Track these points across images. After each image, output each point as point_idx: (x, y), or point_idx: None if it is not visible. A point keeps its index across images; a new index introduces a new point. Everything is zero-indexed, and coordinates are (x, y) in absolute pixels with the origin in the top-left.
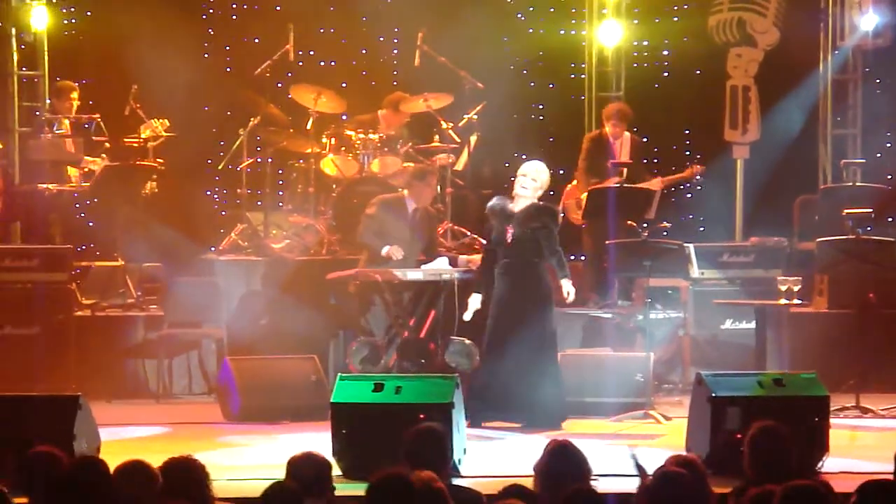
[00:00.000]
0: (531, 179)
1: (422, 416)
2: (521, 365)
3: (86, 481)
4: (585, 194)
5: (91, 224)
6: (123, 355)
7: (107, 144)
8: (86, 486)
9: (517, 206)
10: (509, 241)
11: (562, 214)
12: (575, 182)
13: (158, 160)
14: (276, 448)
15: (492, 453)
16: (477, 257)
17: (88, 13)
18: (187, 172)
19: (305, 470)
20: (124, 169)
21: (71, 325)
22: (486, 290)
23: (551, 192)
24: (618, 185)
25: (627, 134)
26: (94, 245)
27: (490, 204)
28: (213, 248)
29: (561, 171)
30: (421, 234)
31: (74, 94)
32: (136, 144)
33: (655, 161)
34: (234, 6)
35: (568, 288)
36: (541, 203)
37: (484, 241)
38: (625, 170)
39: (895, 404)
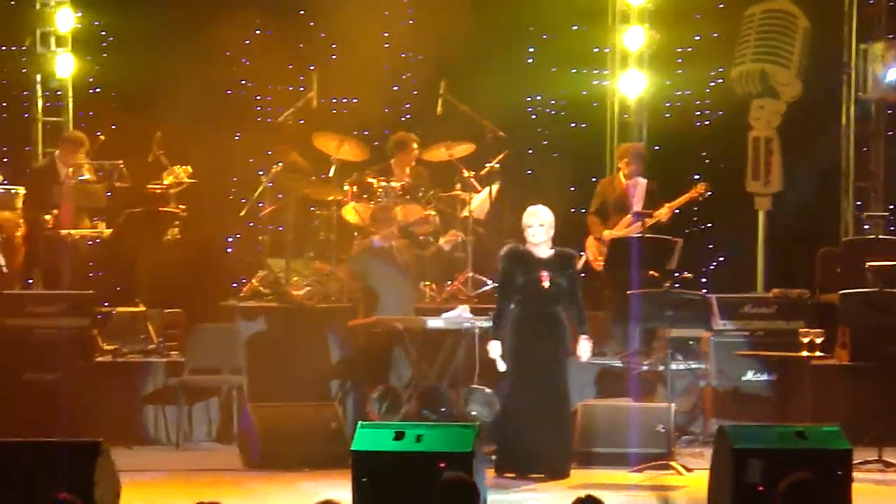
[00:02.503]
0: (539, 225)
1: (442, 464)
2: (543, 418)
3: None
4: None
5: (114, 269)
6: (144, 401)
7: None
8: None
9: (540, 252)
10: (547, 286)
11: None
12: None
13: (181, 206)
14: (297, 496)
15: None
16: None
17: (112, 61)
18: (209, 219)
19: None
20: (147, 215)
21: (92, 371)
22: (502, 334)
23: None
24: (639, 235)
25: (643, 180)
26: (117, 291)
27: (510, 249)
28: (234, 295)
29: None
30: (408, 267)
31: (82, 151)
32: (158, 191)
33: (677, 212)
34: (258, 53)
35: (585, 347)
36: (565, 249)
37: (497, 286)
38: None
39: None
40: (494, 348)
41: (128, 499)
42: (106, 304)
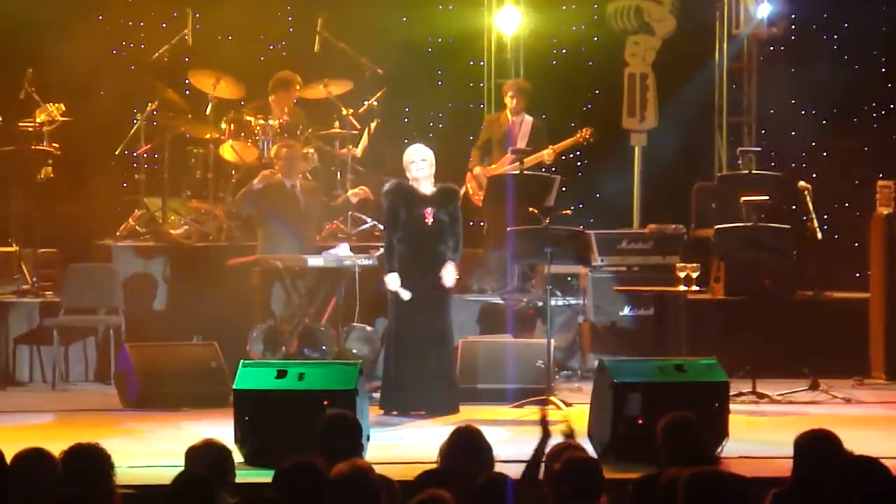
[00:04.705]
0: (422, 160)
1: (325, 402)
2: (426, 354)
3: None
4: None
5: None
6: (18, 342)
7: None
8: None
9: (424, 188)
10: (430, 222)
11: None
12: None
13: (54, 144)
14: (178, 435)
15: (395, 440)
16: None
17: None
18: (84, 157)
19: (204, 458)
20: (19, 153)
21: None
22: (396, 266)
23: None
24: (517, 173)
25: (529, 118)
26: None
27: (395, 184)
28: (110, 234)
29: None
30: (308, 209)
31: None
32: (31, 129)
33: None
34: None
35: (450, 272)
36: (448, 185)
37: (384, 221)
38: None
39: (790, 390)
40: (393, 281)
41: (3, 440)
42: None
